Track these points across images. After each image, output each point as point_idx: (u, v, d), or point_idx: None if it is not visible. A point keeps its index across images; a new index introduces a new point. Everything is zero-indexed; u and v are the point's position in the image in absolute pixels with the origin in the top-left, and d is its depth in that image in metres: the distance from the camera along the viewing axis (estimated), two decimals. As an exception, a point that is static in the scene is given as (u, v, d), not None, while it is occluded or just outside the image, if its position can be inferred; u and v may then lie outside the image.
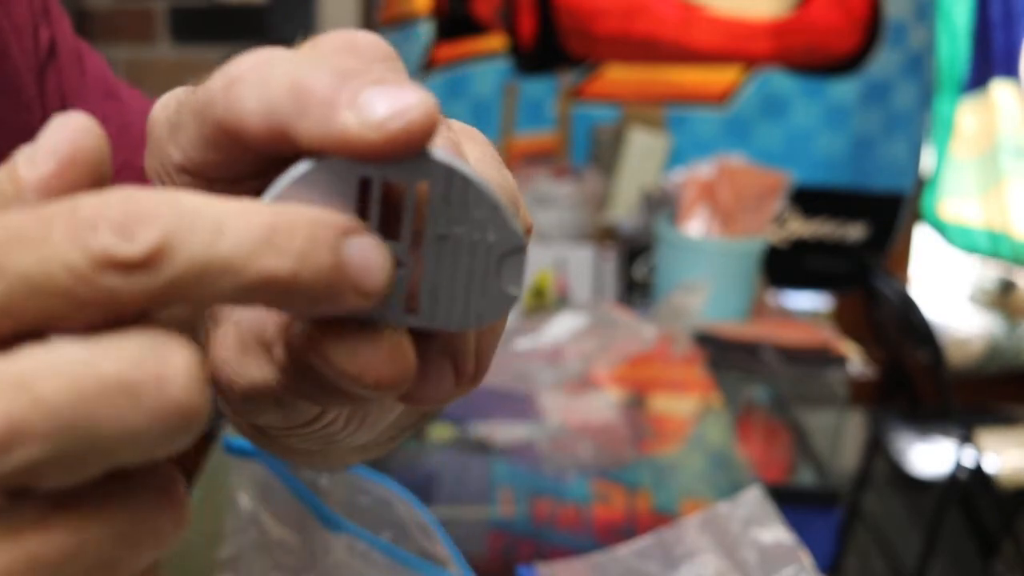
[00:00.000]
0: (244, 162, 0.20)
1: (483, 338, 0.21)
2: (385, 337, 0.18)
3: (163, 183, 0.21)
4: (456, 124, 0.22)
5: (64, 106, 0.41)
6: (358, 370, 0.18)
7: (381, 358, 0.18)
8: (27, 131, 0.38)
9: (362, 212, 0.18)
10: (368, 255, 0.17)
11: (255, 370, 0.21)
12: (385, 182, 0.18)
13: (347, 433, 0.24)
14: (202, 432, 0.16)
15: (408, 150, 0.17)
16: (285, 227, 0.16)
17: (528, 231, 0.23)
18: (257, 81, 0.18)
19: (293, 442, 0.25)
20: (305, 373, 0.20)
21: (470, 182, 0.18)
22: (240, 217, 0.16)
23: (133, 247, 0.15)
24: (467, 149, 0.21)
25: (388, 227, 0.19)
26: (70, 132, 0.17)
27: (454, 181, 0.18)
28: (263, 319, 0.20)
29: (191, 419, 0.15)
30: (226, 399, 0.22)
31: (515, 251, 0.19)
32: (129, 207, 0.15)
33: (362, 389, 0.18)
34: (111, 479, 0.16)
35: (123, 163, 0.41)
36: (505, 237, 0.19)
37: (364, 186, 0.18)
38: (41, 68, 0.40)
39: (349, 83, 0.17)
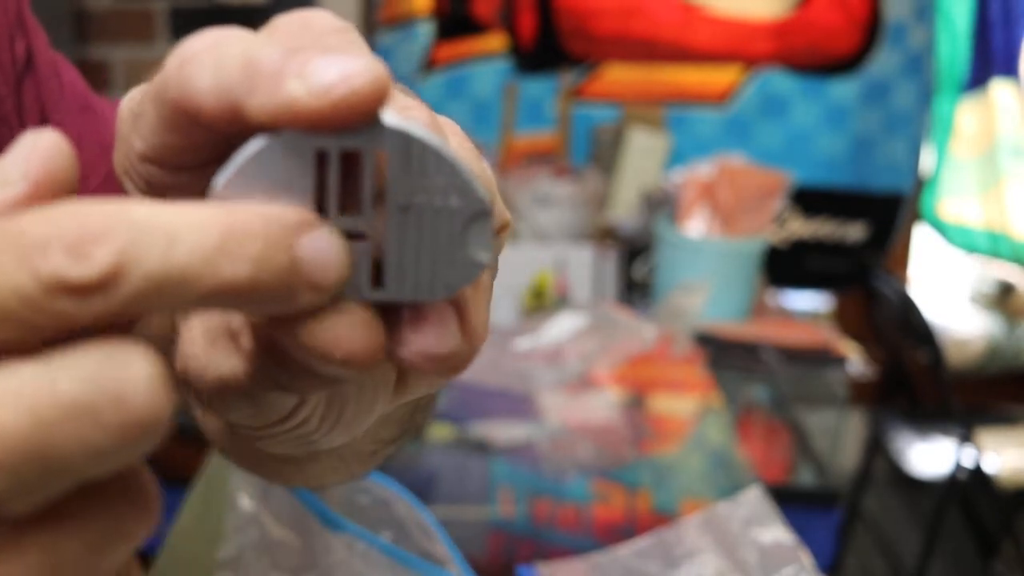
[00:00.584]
0: (204, 146, 0.19)
1: (480, 290, 0.20)
2: (352, 311, 0.18)
3: (129, 176, 0.21)
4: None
5: (44, 119, 0.40)
6: (326, 346, 0.18)
7: (349, 332, 0.18)
8: (5, 147, 0.38)
9: (321, 186, 0.18)
10: (323, 250, 0.17)
11: (223, 361, 0.20)
12: (343, 153, 0.18)
13: (322, 433, 0.23)
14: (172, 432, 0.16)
15: (357, 116, 0.17)
16: (239, 231, 0.16)
17: (505, 227, 0.22)
18: (210, 60, 0.18)
19: (268, 444, 0.24)
20: (274, 358, 0.19)
21: (427, 146, 0.18)
22: (193, 224, 0.15)
23: (86, 269, 0.14)
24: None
25: (349, 200, 0.18)
26: (41, 152, 0.17)
27: (411, 146, 0.18)
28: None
29: (154, 429, 0.15)
30: (197, 396, 0.21)
31: (480, 215, 0.18)
32: (79, 224, 0.15)
33: (332, 367, 0.18)
34: (80, 491, 0.16)
35: (105, 176, 0.41)
36: (469, 201, 0.18)
37: (321, 159, 0.18)
38: (18, 80, 0.39)
39: (298, 55, 0.17)
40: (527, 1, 1.93)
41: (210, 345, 0.20)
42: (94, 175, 0.40)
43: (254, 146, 0.18)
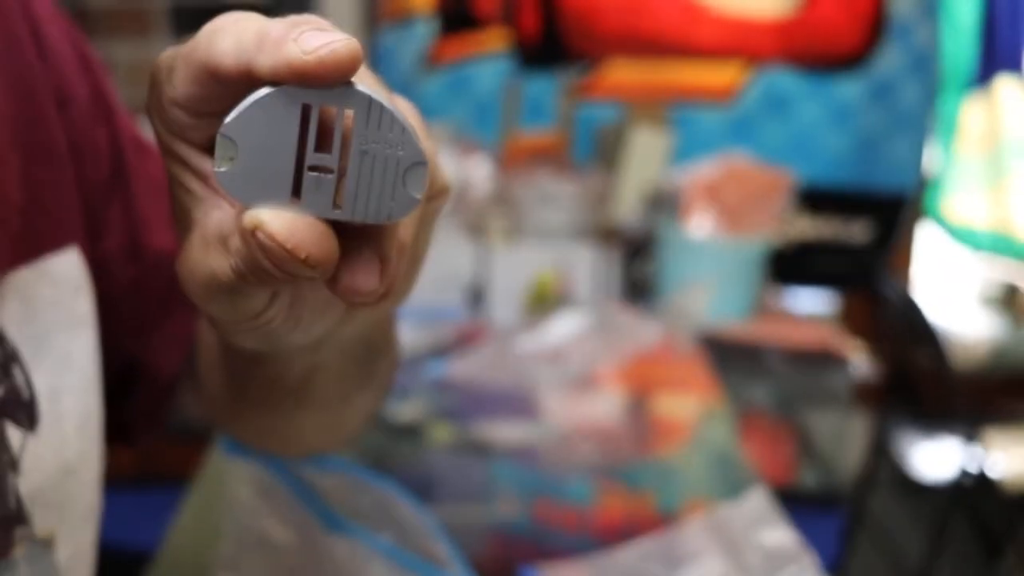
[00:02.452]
0: (220, 97, 0.24)
1: (401, 253, 0.26)
2: (317, 224, 0.24)
3: (158, 116, 0.26)
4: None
5: (118, 157, 0.43)
6: (294, 245, 0.23)
7: (313, 237, 0.23)
8: (88, 185, 0.40)
9: (303, 132, 0.24)
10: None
11: (213, 260, 0.25)
12: (321, 108, 0.24)
13: (286, 330, 0.29)
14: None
15: (335, 74, 0.23)
16: None
17: (445, 191, 0.29)
18: (233, 30, 0.24)
19: (242, 338, 0.29)
20: (254, 256, 0.24)
21: (384, 108, 0.24)
22: None
23: None
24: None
25: (323, 143, 0.24)
26: None
27: (373, 107, 0.24)
28: (224, 219, 0.25)
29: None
30: (189, 290, 0.27)
31: (418, 164, 0.24)
32: None
33: (297, 265, 0.23)
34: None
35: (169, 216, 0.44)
36: (411, 153, 0.24)
37: (305, 112, 0.24)
38: (93, 117, 0.42)
39: (297, 28, 0.23)
40: (530, -1, 1.93)
41: (205, 248, 0.26)
42: (157, 214, 0.44)
43: (258, 94, 0.23)
